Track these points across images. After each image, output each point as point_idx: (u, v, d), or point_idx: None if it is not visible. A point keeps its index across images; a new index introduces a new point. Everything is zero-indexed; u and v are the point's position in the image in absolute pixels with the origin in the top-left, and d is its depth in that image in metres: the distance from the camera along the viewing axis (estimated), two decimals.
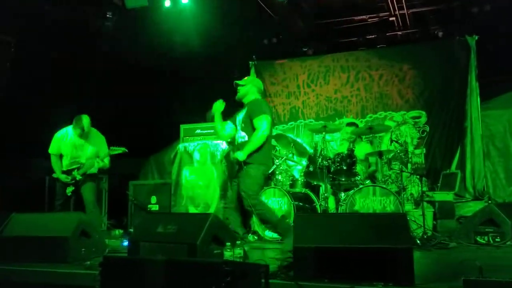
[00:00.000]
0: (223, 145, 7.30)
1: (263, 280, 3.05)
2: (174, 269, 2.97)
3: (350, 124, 7.73)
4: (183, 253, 3.87)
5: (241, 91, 5.50)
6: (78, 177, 6.28)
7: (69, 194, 6.30)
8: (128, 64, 8.46)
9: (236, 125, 5.49)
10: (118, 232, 7.60)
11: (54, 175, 6.41)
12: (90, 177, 6.42)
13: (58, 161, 6.40)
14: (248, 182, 5.15)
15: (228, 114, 7.84)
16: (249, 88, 5.50)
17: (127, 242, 5.30)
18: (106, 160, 6.41)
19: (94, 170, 6.39)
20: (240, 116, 5.46)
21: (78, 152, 6.38)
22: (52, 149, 6.42)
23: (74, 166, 6.34)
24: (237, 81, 5.54)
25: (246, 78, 5.70)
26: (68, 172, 6.32)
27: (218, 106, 5.62)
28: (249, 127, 5.29)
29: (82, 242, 4.71)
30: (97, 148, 6.42)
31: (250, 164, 5.16)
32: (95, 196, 6.54)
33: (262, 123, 5.16)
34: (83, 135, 6.34)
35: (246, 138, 5.28)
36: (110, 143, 6.51)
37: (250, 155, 5.14)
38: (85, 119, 6.30)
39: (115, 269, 3.20)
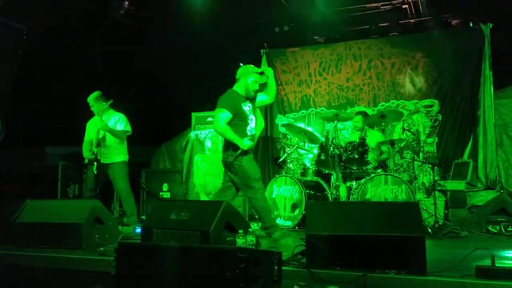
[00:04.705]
0: None
1: (276, 267, 3.09)
2: (188, 255, 3.01)
3: (358, 113, 7.71)
4: (196, 240, 3.91)
5: (264, 80, 5.47)
6: (95, 150, 6.26)
7: (95, 172, 6.25)
8: (140, 51, 8.47)
9: (248, 115, 5.40)
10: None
11: (84, 155, 6.47)
12: (118, 164, 6.45)
13: (88, 146, 6.47)
14: None
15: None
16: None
17: (139, 229, 5.36)
18: (119, 131, 6.38)
19: (120, 156, 6.42)
20: (250, 107, 5.44)
21: (102, 133, 6.43)
22: (85, 136, 6.57)
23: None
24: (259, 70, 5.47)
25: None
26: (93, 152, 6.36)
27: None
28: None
29: (95, 229, 4.78)
30: (117, 121, 6.47)
31: None
32: (126, 181, 6.49)
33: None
34: (95, 110, 6.39)
35: None
36: None
37: None
38: (91, 95, 6.38)
39: (130, 255, 3.23)
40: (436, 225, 5.79)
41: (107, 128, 6.27)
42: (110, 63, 8.28)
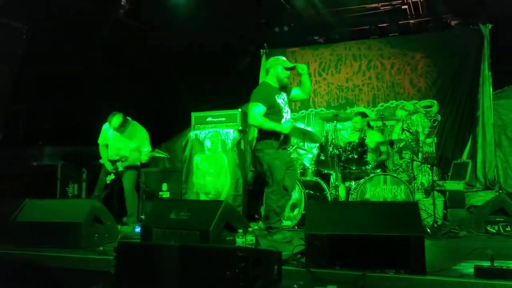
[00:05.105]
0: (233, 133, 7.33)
1: (275, 267, 3.09)
2: (188, 255, 3.01)
3: (358, 114, 7.72)
4: (195, 239, 3.92)
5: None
6: (120, 168, 6.56)
7: (108, 181, 6.58)
8: (140, 51, 8.47)
9: (282, 108, 5.32)
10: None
11: (101, 161, 6.72)
12: (131, 167, 6.67)
13: (105, 150, 6.74)
14: None
15: (233, 104, 7.91)
16: None
17: (138, 229, 5.37)
18: (145, 157, 6.57)
19: (137, 162, 6.67)
20: (285, 98, 5.41)
21: (119, 144, 6.65)
22: (100, 139, 6.77)
23: (117, 158, 6.61)
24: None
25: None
26: (113, 162, 6.62)
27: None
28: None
29: (95, 228, 4.79)
30: (138, 143, 6.65)
31: None
32: (133, 184, 6.74)
33: None
34: (118, 130, 6.57)
35: None
36: None
37: None
38: (114, 119, 6.50)
39: (130, 255, 3.24)
40: (435, 225, 5.79)
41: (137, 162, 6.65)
42: (109, 63, 8.26)
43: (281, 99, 5.31)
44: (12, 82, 7.46)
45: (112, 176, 6.58)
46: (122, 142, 6.65)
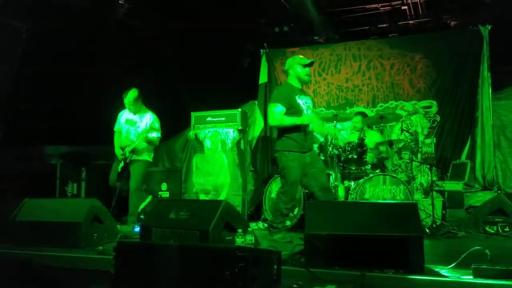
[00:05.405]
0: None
1: (275, 266, 3.10)
2: (188, 254, 3.02)
3: (358, 114, 7.73)
4: (195, 239, 3.92)
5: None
6: (127, 155, 6.44)
7: (119, 170, 6.47)
8: (140, 49, 8.48)
9: (302, 109, 5.26)
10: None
11: (115, 151, 6.62)
12: (140, 162, 6.53)
13: (118, 137, 6.66)
14: None
15: (233, 103, 7.91)
16: None
17: (138, 228, 5.37)
18: (153, 138, 6.39)
19: (144, 155, 6.51)
20: (308, 102, 5.38)
21: (130, 128, 6.57)
22: (115, 126, 6.72)
23: (127, 143, 6.50)
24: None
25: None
26: (122, 148, 6.52)
27: None
28: None
29: (94, 228, 4.79)
30: (148, 128, 6.50)
31: None
32: (139, 182, 6.54)
33: None
34: (132, 110, 6.51)
35: None
36: None
37: None
38: (130, 93, 6.46)
39: (130, 254, 3.24)
40: (434, 225, 5.81)
41: (141, 146, 6.43)
42: (109, 62, 8.27)
43: (302, 100, 5.27)
44: (12, 82, 7.46)
45: (122, 164, 6.46)
46: (133, 126, 6.56)
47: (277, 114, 5.11)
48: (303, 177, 5.29)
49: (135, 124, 6.57)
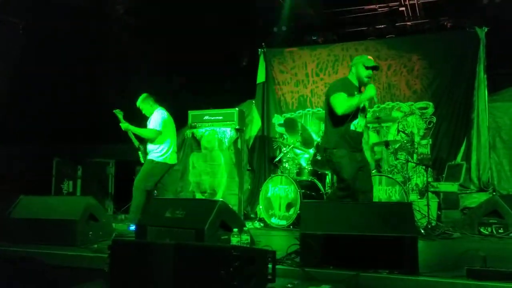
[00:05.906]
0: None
1: (270, 266, 3.11)
2: (183, 253, 3.02)
3: None
4: (190, 237, 3.93)
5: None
6: (141, 149, 6.34)
7: (142, 161, 6.36)
8: (138, 48, 8.47)
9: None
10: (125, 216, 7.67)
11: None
12: (148, 161, 6.31)
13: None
14: None
15: (230, 102, 7.91)
16: None
17: (133, 227, 5.37)
18: (140, 130, 6.27)
19: (150, 155, 6.31)
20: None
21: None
22: None
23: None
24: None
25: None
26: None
27: None
28: None
29: (90, 226, 4.79)
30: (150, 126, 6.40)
31: None
32: (142, 182, 6.20)
33: None
34: (145, 112, 6.38)
35: None
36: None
37: None
38: (139, 98, 6.36)
39: (124, 252, 3.24)
40: (429, 226, 5.82)
41: (131, 130, 6.25)
42: (109, 62, 8.27)
43: None
44: (10, 80, 7.43)
45: (140, 154, 6.38)
46: (146, 126, 6.39)
47: (343, 100, 4.76)
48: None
49: (147, 125, 6.51)
